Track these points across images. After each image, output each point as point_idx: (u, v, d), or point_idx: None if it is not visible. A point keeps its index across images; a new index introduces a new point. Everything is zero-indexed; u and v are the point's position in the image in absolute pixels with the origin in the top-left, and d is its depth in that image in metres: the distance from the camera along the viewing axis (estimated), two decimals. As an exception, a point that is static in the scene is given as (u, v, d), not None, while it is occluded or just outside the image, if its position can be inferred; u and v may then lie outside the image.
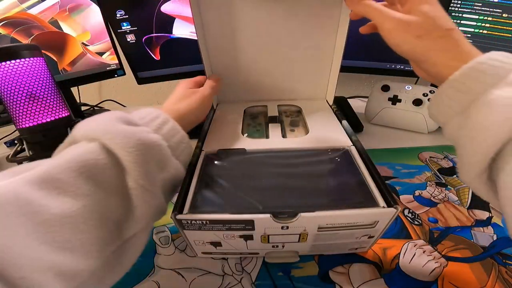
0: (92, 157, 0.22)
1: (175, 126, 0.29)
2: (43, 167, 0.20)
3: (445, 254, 0.33)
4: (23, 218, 0.17)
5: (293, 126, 0.42)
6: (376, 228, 0.27)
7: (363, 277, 0.30)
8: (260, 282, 0.30)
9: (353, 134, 0.36)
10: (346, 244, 0.30)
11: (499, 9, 0.52)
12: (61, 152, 0.24)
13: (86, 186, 0.21)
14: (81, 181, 0.20)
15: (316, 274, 0.31)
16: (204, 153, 0.34)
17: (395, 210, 0.25)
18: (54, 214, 0.18)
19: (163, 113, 0.29)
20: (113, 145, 0.22)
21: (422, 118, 0.55)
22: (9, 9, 0.54)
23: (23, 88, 0.35)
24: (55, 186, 0.19)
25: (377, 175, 0.28)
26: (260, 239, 0.27)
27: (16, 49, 0.35)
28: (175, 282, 0.31)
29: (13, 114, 0.36)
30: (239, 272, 0.32)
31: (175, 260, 0.33)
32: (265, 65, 0.47)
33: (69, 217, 0.19)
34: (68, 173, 0.20)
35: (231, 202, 0.27)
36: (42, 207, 0.18)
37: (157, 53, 0.61)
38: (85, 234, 0.20)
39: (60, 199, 0.19)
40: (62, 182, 0.20)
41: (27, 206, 0.17)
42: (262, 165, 0.32)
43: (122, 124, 0.25)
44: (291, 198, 0.27)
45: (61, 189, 0.19)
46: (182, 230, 0.26)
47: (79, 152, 0.21)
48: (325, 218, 0.25)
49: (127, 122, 0.25)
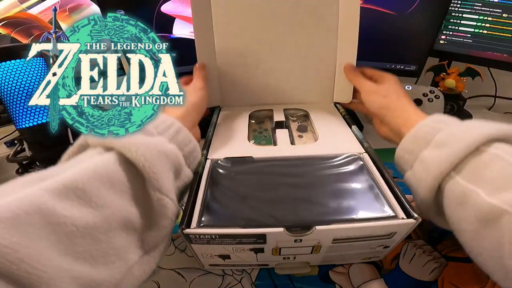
0: (113, 168, 0.22)
1: (188, 134, 0.30)
2: (64, 176, 0.19)
3: (445, 254, 0.33)
4: (46, 230, 0.17)
5: (301, 131, 0.41)
6: (393, 239, 0.26)
7: (363, 277, 0.30)
8: (260, 282, 0.30)
9: (365, 140, 0.35)
10: (360, 254, 0.30)
11: (499, 9, 0.52)
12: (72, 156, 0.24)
13: (108, 197, 0.21)
14: (103, 192, 0.20)
15: (316, 274, 0.31)
16: (210, 161, 0.32)
17: (414, 222, 0.24)
18: (77, 225, 0.18)
19: (176, 121, 0.30)
20: (135, 156, 0.22)
21: (422, 118, 0.55)
22: (9, 9, 0.54)
23: (23, 88, 0.35)
24: (77, 196, 0.19)
25: (394, 184, 0.27)
26: (271, 252, 0.26)
27: (16, 49, 0.35)
28: (175, 282, 0.31)
29: (13, 114, 0.36)
30: (239, 272, 0.32)
31: (175, 260, 0.33)
32: (270, 67, 0.45)
33: (91, 228, 0.19)
34: (91, 184, 0.20)
35: (240, 214, 0.25)
36: (65, 218, 0.18)
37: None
38: (106, 244, 0.20)
39: (83, 210, 0.19)
40: (84, 192, 0.19)
41: (50, 217, 0.17)
42: (271, 174, 0.30)
43: (141, 134, 0.25)
44: (303, 210, 0.26)
45: (84, 200, 0.19)
46: (189, 244, 0.25)
47: (98, 162, 0.21)
48: (340, 231, 0.24)
49: (144, 131, 0.26)
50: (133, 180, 0.23)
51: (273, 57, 0.44)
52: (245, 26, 0.43)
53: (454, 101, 0.58)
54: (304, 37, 0.43)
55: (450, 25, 0.58)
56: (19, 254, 0.15)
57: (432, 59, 0.61)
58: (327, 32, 0.42)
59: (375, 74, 0.40)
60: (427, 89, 0.55)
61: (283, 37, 0.43)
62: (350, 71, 0.42)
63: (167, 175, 0.24)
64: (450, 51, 0.60)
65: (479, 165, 0.23)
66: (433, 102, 0.54)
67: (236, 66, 0.45)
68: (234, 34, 0.43)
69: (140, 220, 0.23)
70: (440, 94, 0.54)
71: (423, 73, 0.59)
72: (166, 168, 0.24)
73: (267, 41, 0.44)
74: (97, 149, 0.24)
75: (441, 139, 0.26)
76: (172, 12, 0.57)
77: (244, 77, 0.46)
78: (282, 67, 0.45)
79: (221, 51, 0.44)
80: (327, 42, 0.43)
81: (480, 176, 0.23)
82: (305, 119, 0.45)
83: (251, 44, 0.44)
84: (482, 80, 0.56)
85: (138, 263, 0.23)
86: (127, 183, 0.22)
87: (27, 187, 0.18)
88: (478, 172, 0.23)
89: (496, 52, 0.55)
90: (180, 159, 0.27)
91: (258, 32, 0.43)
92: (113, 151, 0.23)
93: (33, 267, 0.16)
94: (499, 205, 0.21)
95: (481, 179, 0.23)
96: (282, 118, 0.43)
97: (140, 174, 0.23)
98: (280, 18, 0.42)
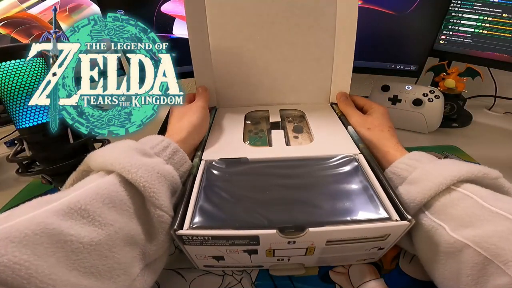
0: (114, 189, 0.23)
1: (184, 155, 0.31)
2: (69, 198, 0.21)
3: (445, 254, 0.33)
4: (54, 247, 0.18)
5: (296, 132, 0.41)
6: (387, 241, 0.26)
7: (363, 277, 0.30)
8: (260, 282, 0.30)
9: (360, 141, 0.35)
10: (354, 256, 0.30)
11: (499, 9, 0.52)
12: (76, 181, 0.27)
13: (110, 216, 0.22)
14: (106, 211, 0.22)
15: (316, 274, 0.31)
16: (204, 162, 0.32)
17: (408, 224, 0.24)
18: (83, 242, 0.20)
19: (172, 142, 0.31)
20: (135, 178, 0.24)
21: (422, 118, 0.55)
22: (9, 9, 0.54)
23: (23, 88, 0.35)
24: (82, 216, 0.21)
25: (388, 185, 0.27)
26: (265, 253, 0.26)
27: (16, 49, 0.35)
28: (175, 282, 0.31)
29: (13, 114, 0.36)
30: (239, 272, 0.32)
31: (175, 260, 0.33)
32: (266, 67, 0.45)
33: (96, 245, 0.20)
34: (93, 204, 0.21)
35: (234, 216, 0.25)
36: (71, 237, 0.19)
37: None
38: (110, 259, 0.21)
39: (87, 229, 0.20)
40: (88, 212, 0.21)
41: (57, 236, 0.19)
42: (265, 175, 0.30)
43: (139, 156, 0.26)
44: (297, 211, 0.26)
45: (87, 219, 0.21)
46: (182, 245, 0.25)
47: (100, 184, 0.23)
48: (334, 233, 0.24)
49: (142, 153, 0.27)
50: (133, 199, 0.24)
51: (269, 57, 0.44)
52: (240, 26, 0.43)
53: (454, 101, 0.58)
54: (300, 37, 0.43)
55: (450, 25, 0.58)
56: (29, 270, 0.16)
57: (432, 59, 0.61)
58: (324, 32, 0.42)
59: (366, 104, 0.43)
60: (427, 89, 0.55)
61: (279, 37, 0.43)
62: (342, 100, 0.44)
63: (165, 194, 0.26)
64: (450, 51, 0.60)
65: (447, 203, 0.25)
66: (433, 102, 0.54)
67: (232, 66, 0.45)
68: (229, 34, 0.43)
69: (142, 236, 0.24)
70: (440, 94, 0.54)
71: (423, 73, 0.59)
72: (164, 188, 0.26)
73: (263, 41, 0.43)
74: (99, 173, 0.25)
75: (414, 177, 0.28)
76: (172, 12, 0.57)
77: (240, 78, 0.46)
78: (279, 67, 0.45)
79: (216, 52, 0.44)
80: (324, 42, 0.43)
81: (447, 213, 0.25)
82: (301, 119, 0.45)
83: (247, 44, 0.44)
84: (482, 80, 0.56)
85: (140, 275, 0.24)
86: (128, 202, 0.24)
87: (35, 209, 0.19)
88: (445, 210, 0.25)
89: (496, 52, 0.55)
90: (176, 178, 0.28)
91: (253, 32, 0.43)
92: (114, 173, 0.24)
93: (42, 282, 0.17)
94: (462, 240, 0.23)
95: (448, 216, 0.25)
96: (278, 119, 0.42)
97: (139, 193, 0.25)
98: (276, 18, 0.42)
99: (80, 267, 0.19)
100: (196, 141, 0.36)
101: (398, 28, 0.55)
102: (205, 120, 0.39)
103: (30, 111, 0.36)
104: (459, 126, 0.61)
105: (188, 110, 0.38)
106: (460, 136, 0.57)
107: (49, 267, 0.17)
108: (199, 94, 0.43)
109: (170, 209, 0.26)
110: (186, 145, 0.33)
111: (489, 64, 0.59)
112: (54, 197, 0.22)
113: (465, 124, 0.61)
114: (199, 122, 0.37)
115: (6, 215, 0.19)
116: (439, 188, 0.26)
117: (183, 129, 0.35)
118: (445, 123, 0.58)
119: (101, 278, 0.20)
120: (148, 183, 0.24)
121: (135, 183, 0.24)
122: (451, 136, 0.57)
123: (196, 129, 0.36)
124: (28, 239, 0.17)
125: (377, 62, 0.60)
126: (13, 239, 0.17)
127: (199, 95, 0.42)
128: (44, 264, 0.17)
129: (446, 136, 0.57)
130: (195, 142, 0.36)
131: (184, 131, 0.35)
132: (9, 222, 0.18)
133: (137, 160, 0.25)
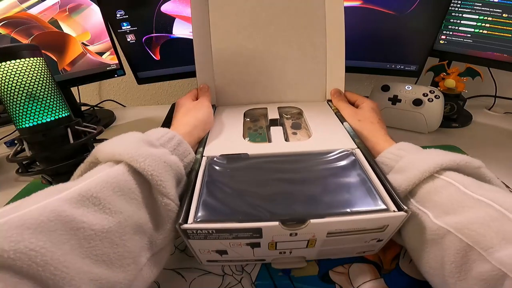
0: (123, 178, 0.24)
1: (188, 147, 0.32)
2: (79, 186, 0.21)
3: (445, 254, 0.33)
4: (68, 235, 0.19)
5: (295, 128, 0.42)
6: (386, 232, 0.27)
7: (363, 277, 0.30)
8: (260, 282, 0.30)
9: (356, 136, 0.36)
10: (354, 248, 0.30)
11: (499, 9, 0.52)
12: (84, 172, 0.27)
13: (119, 204, 0.22)
14: (116, 199, 0.22)
15: (316, 274, 0.31)
16: (206, 158, 0.33)
17: (405, 214, 0.24)
18: (94, 230, 0.20)
19: (177, 134, 0.32)
20: (143, 167, 0.24)
21: (422, 118, 0.55)
22: (9, 9, 0.54)
23: (23, 88, 0.35)
24: (93, 204, 0.21)
25: (385, 178, 0.28)
26: (268, 246, 0.27)
27: (16, 49, 0.35)
28: (175, 282, 0.31)
29: (13, 114, 0.36)
30: (239, 272, 0.32)
31: (175, 260, 0.33)
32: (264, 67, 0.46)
33: (107, 232, 0.21)
34: (104, 192, 0.22)
35: (237, 209, 0.26)
36: (84, 224, 0.19)
37: (157, 53, 0.61)
38: (121, 247, 0.21)
39: (98, 216, 0.21)
40: (99, 200, 0.21)
41: (70, 223, 0.19)
42: (266, 170, 0.31)
43: (146, 146, 0.27)
44: (298, 204, 0.26)
45: (98, 207, 0.21)
46: (187, 239, 0.25)
47: (109, 173, 0.23)
48: (334, 224, 0.25)
49: (149, 144, 0.28)
50: (141, 188, 0.25)
51: (267, 57, 0.46)
52: (240, 27, 0.44)
53: (454, 101, 0.58)
54: (295, 37, 0.45)
55: (450, 25, 0.58)
56: (45, 257, 0.17)
57: (432, 59, 0.61)
58: (316, 31, 0.44)
59: (358, 99, 0.44)
60: (427, 89, 0.55)
61: (276, 37, 0.45)
62: (335, 96, 0.46)
63: (171, 183, 0.26)
64: (450, 51, 0.60)
65: (431, 190, 0.26)
66: (433, 102, 0.54)
67: (231, 66, 0.47)
68: (229, 35, 0.45)
69: (149, 225, 0.25)
70: (440, 94, 0.54)
71: (423, 73, 0.59)
72: (170, 177, 0.26)
73: (261, 42, 0.45)
74: (107, 163, 0.26)
75: (401, 166, 0.29)
76: (172, 12, 0.57)
77: (239, 77, 0.47)
78: (276, 66, 0.47)
79: (217, 51, 0.45)
80: (317, 42, 0.45)
81: (431, 200, 0.26)
82: (299, 116, 0.46)
83: (246, 45, 0.45)
84: (482, 80, 0.56)
85: (147, 264, 0.24)
86: (136, 191, 0.24)
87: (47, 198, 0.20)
88: (430, 197, 0.26)
89: (496, 52, 0.55)
90: (181, 168, 0.29)
91: (252, 33, 0.44)
92: (122, 163, 0.25)
93: (56, 269, 0.17)
94: (444, 226, 0.23)
95: (431, 203, 0.26)
96: (276, 116, 0.44)
97: (146, 182, 0.25)
98: (273, 19, 0.44)
99: (92, 255, 0.19)
100: (201, 135, 0.37)
101: (398, 28, 0.55)
102: (209, 117, 0.40)
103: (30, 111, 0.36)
104: (459, 126, 0.61)
105: (194, 106, 0.40)
106: (460, 136, 0.57)
107: (63, 254, 0.18)
108: (204, 92, 0.44)
109: (176, 198, 0.26)
110: (190, 138, 0.34)
111: (489, 64, 0.59)
112: (64, 186, 0.22)
113: (465, 124, 0.61)
114: (204, 118, 0.38)
115: (17, 204, 0.19)
116: (423, 175, 0.26)
117: (188, 123, 0.36)
118: (445, 123, 0.58)
119: (112, 266, 0.21)
120: (155, 172, 0.25)
121: (143, 172, 0.24)
122: (451, 136, 0.57)
123: (201, 124, 0.37)
124: (43, 225, 0.17)
125: (377, 62, 0.60)
126: (30, 226, 0.17)
127: (204, 93, 0.44)
128: (59, 252, 0.17)
129: (446, 136, 0.57)
130: (199, 137, 0.37)
131: (189, 125, 0.36)
132: (21, 210, 0.18)
133: (145, 150, 0.26)
